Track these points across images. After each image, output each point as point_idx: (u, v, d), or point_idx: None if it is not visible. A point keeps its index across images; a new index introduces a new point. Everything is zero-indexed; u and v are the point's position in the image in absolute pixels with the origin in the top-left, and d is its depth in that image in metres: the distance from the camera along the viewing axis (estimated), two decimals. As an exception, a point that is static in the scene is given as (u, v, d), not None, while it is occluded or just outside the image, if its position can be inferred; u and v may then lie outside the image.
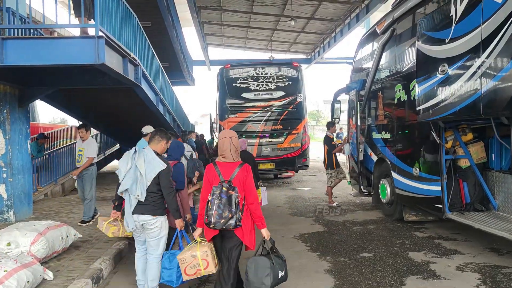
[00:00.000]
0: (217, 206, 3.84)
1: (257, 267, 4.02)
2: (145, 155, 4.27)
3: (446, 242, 6.48)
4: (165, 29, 15.28)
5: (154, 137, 4.52)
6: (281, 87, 13.26)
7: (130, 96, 9.67)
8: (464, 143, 6.24)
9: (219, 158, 4.17)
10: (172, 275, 4.27)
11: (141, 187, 4.19)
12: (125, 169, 4.26)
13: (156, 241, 4.35)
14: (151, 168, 4.22)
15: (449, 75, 5.23)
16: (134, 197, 4.21)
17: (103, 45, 6.04)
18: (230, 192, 3.89)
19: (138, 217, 4.24)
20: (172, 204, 4.33)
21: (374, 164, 8.74)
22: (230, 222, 3.84)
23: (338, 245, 6.56)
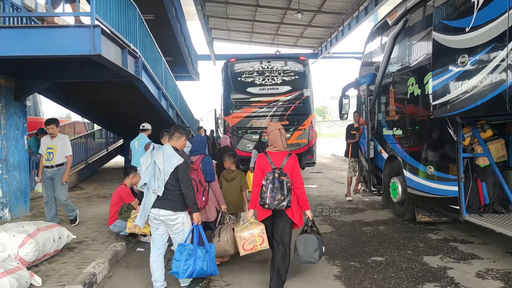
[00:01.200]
0: (271, 190, 4.41)
1: (306, 243, 4.67)
2: (164, 151, 4.45)
3: (463, 246, 6.09)
4: (168, 22, 14.92)
5: (174, 134, 4.64)
6: (287, 81, 12.87)
7: (131, 90, 9.34)
8: (483, 140, 5.84)
9: (270, 148, 4.71)
10: (179, 267, 4.41)
11: (159, 182, 4.35)
12: (145, 165, 4.46)
13: (180, 236, 4.53)
14: (169, 163, 4.37)
15: (469, 66, 4.83)
16: (152, 191, 4.36)
17: (99, 35, 5.69)
18: (282, 178, 4.46)
19: (158, 211, 4.40)
20: (189, 197, 4.44)
21: (385, 162, 8.35)
22: (282, 203, 4.42)
23: (348, 247, 6.19)
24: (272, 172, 4.49)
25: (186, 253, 4.42)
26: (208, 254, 4.56)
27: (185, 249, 4.45)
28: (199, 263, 4.44)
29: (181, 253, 4.43)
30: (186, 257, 4.41)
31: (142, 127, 9.01)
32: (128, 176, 6.57)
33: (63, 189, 7.16)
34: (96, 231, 6.86)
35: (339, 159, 21.81)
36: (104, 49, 5.92)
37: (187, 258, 4.40)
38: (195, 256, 4.44)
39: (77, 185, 12.79)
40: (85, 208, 9.00)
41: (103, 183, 13.22)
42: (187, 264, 4.40)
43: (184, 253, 4.42)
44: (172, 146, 4.55)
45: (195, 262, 4.42)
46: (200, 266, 4.44)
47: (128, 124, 13.80)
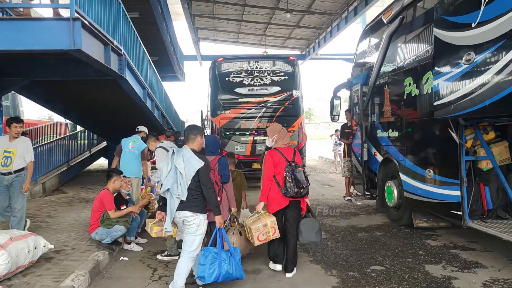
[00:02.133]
0: (294, 180, 4.92)
1: (308, 227, 5.17)
2: (183, 154, 4.43)
3: (465, 253, 5.82)
4: (154, 20, 14.48)
5: (189, 137, 4.60)
6: (276, 82, 12.52)
7: (115, 90, 8.94)
8: (486, 143, 5.58)
9: (278, 144, 5.20)
10: (205, 271, 4.38)
11: (181, 187, 4.35)
12: (166, 170, 4.44)
13: (192, 237, 4.41)
14: (190, 167, 4.37)
15: (476, 64, 4.55)
16: (175, 196, 4.35)
17: (79, 28, 5.30)
18: (299, 169, 5.01)
19: (179, 213, 4.38)
20: (211, 200, 4.42)
21: (379, 165, 8.07)
22: (304, 191, 5.00)
23: (344, 255, 5.87)
24: (289, 165, 5.00)
25: (211, 256, 4.43)
26: (233, 257, 4.53)
27: (209, 252, 4.45)
28: (225, 266, 4.43)
29: (205, 257, 4.43)
30: (210, 260, 4.41)
31: (137, 129, 8.64)
32: (110, 179, 6.16)
33: (20, 199, 6.17)
34: (76, 238, 6.43)
35: (326, 161, 21.59)
36: (85, 44, 5.53)
37: (212, 262, 4.40)
38: (220, 259, 4.43)
39: (58, 188, 12.27)
40: (66, 213, 8.55)
41: (85, 186, 12.72)
42: (212, 268, 4.39)
43: (208, 256, 4.42)
44: (190, 148, 4.52)
45: (220, 265, 4.41)
46: (226, 270, 4.43)
47: (112, 125, 13.37)
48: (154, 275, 5.27)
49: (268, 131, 5.39)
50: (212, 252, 4.46)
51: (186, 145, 4.57)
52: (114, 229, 5.81)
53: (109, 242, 5.91)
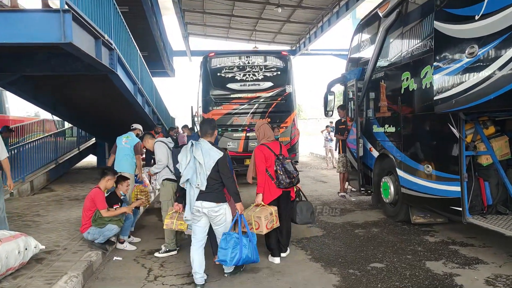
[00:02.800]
0: (284, 172, 5.27)
1: (303, 208, 5.62)
2: (202, 147, 4.63)
3: (464, 249, 5.75)
4: (144, 14, 14.22)
5: (206, 131, 4.80)
6: (269, 77, 12.39)
7: (105, 85, 8.73)
8: (486, 137, 5.51)
9: (264, 140, 5.52)
10: (227, 255, 4.59)
11: (201, 177, 4.53)
12: (185, 162, 4.61)
13: (223, 227, 4.69)
14: (209, 157, 4.57)
15: (480, 57, 4.46)
16: (195, 187, 4.54)
17: (70, 21, 5.10)
18: (287, 161, 5.37)
19: (201, 203, 4.55)
20: (231, 188, 4.68)
21: (375, 161, 7.99)
22: (294, 180, 5.36)
23: (343, 252, 5.78)
24: (278, 159, 5.36)
25: (233, 241, 4.62)
26: (251, 242, 4.77)
27: (231, 237, 4.64)
28: (245, 251, 4.64)
29: (227, 241, 4.62)
30: (232, 245, 4.60)
31: (132, 127, 8.50)
32: (104, 177, 5.98)
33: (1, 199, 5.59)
34: (67, 238, 6.25)
35: (317, 157, 21.54)
36: (76, 38, 5.33)
37: (234, 246, 4.60)
38: (241, 244, 4.63)
39: (46, 186, 12.03)
40: (56, 212, 8.35)
41: (74, 184, 12.50)
42: (234, 252, 4.60)
43: (230, 241, 4.61)
44: (208, 141, 4.73)
45: (241, 250, 4.62)
46: (246, 254, 4.65)
47: (102, 122, 13.13)
48: (150, 275, 5.12)
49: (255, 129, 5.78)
50: (234, 238, 4.64)
51: (203, 138, 4.78)
52: (106, 228, 5.63)
53: (102, 241, 5.74)
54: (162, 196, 6.04)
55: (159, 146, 5.99)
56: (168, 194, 5.97)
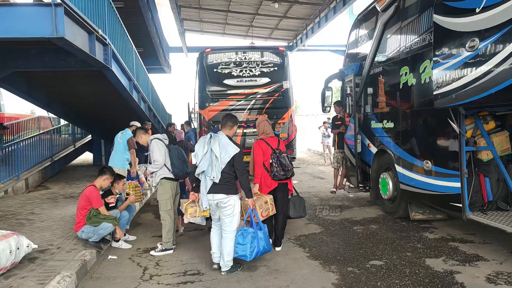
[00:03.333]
0: (279, 165, 5.47)
1: (296, 203, 5.88)
2: (219, 140, 4.81)
3: (464, 246, 5.68)
4: (139, 10, 14.07)
5: (227, 123, 5.01)
6: (266, 73, 12.26)
7: (100, 81, 8.62)
8: (486, 133, 5.43)
9: (263, 135, 5.75)
10: (246, 250, 4.83)
11: (216, 169, 4.73)
12: (201, 153, 4.80)
13: (229, 218, 4.85)
14: (226, 152, 4.75)
15: (481, 51, 4.37)
16: (209, 179, 4.76)
17: (62, 15, 5.00)
18: (283, 155, 5.57)
19: (213, 196, 4.80)
20: (245, 184, 4.91)
21: (373, 157, 7.91)
22: (289, 173, 5.56)
23: (342, 250, 5.70)
24: (274, 153, 5.56)
25: (250, 236, 4.87)
26: (265, 234, 5.01)
27: (247, 233, 4.89)
28: (262, 243, 4.91)
29: (244, 237, 4.86)
30: (250, 240, 4.86)
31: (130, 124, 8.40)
32: (102, 176, 5.87)
33: None
34: (62, 237, 6.15)
35: (315, 153, 21.48)
36: (68, 32, 5.22)
37: (252, 241, 4.86)
38: (258, 238, 4.89)
39: (42, 184, 11.91)
40: (50, 209, 8.24)
41: (70, 182, 12.37)
42: (252, 246, 4.84)
43: (247, 237, 4.86)
44: (226, 134, 4.91)
45: (258, 243, 4.88)
46: (263, 245, 4.92)
47: (98, 119, 13.00)
48: (145, 274, 5.03)
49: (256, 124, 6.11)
50: (251, 233, 4.89)
51: (221, 131, 4.97)
52: (101, 227, 5.53)
53: (96, 240, 5.64)
54: (160, 195, 5.87)
55: (156, 144, 5.80)
56: (167, 193, 5.81)
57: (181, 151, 6.02)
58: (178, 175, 5.84)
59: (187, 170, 5.90)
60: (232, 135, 5.06)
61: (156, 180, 5.88)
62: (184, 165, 5.89)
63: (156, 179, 5.89)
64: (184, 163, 5.90)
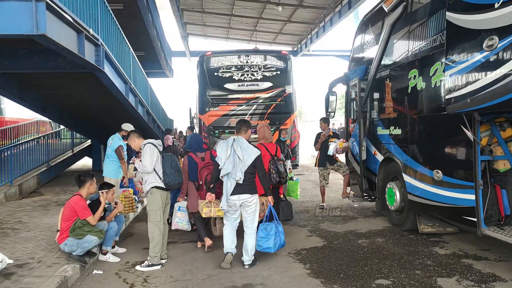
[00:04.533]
0: (275, 172, 5.91)
1: (285, 207, 6.34)
2: (241, 143, 5.17)
3: (478, 263, 5.23)
4: (139, 12, 13.74)
5: (241, 128, 5.41)
6: (268, 77, 11.91)
7: (94, 84, 8.25)
8: (504, 141, 5.00)
9: (263, 140, 6.31)
10: (270, 242, 5.24)
11: (239, 171, 5.06)
12: (225, 156, 5.10)
13: (252, 216, 5.27)
14: (248, 154, 5.12)
15: (500, 50, 3.94)
16: (234, 180, 5.07)
17: (43, 11, 4.63)
18: (280, 162, 6.05)
19: (239, 196, 5.11)
20: (265, 183, 5.37)
21: (379, 165, 7.47)
22: (283, 179, 6.06)
23: (345, 266, 5.26)
24: (272, 159, 6.05)
25: (273, 230, 5.29)
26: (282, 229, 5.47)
27: (271, 227, 5.31)
28: (282, 237, 5.39)
29: (267, 231, 5.28)
30: (274, 233, 5.28)
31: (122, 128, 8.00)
32: (84, 185, 5.48)
33: None
34: (45, 249, 5.76)
35: (319, 160, 20.97)
36: (52, 30, 4.85)
37: (275, 234, 5.29)
38: (279, 231, 5.36)
39: (36, 190, 11.54)
40: (40, 218, 7.86)
41: (66, 188, 11.99)
42: (276, 239, 5.27)
43: (270, 231, 5.28)
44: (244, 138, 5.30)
45: (280, 236, 5.34)
46: (283, 239, 5.41)
47: (95, 123, 12.66)
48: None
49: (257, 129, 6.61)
50: (274, 226, 5.30)
51: (238, 135, 5.35)
52: (85, 240, 5.13)
53: (81, 254, 5.23)
54: (150, 205, 5.48)
55: (149, 148, 5.41)
56: (156, 203, 5.41)
57: (175, 160, 5.61)
58: (170, 185, 5.44)
59: (179, 180, 5.52)
60: (248, 138, 5.38)
61: (146, 188, 5.48)
62: (177, 175, 5.50)
63: (146, 187, 5.49)
64: (177, 172, 5.51)
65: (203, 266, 5.40)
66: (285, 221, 6.46)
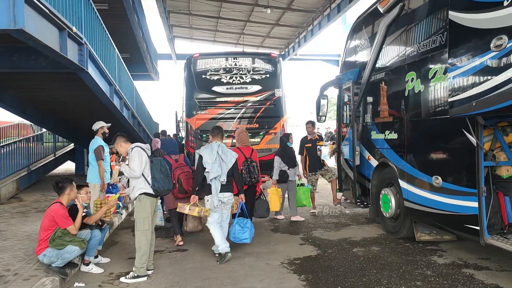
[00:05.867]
0: (246, 173, 6.63)
1: (260, 206, 7.04)
2: (222, 147, 5.82)
3: (479, 273, 5.02)
4: (125, 13, 13.37)
5: (219, 134, 6.02)
6: (257, 80, 11.59)
7: (76, 85, 7.90)
8: (507, 146, 4.81)
9: (240, 144, 7.05)
10: (246, 234, 5.94)
11: (224, 173, 5.71)
12: (211, 160, 5.65)
13: (228, 212, 6.01)
14: (229, 158, 5.80)
15: (510, 50, 3.74)
16: (220, 182, 5.69)
17: (22, 4, 4.31)
18: (252, 164, 6.79)
19: (223, 194, 5.75)
20: (240, 182, 6.10)
21: (373, 170, 7.25)
22: (254, 179, 6.75)
23: (341, 277, 5.00)
24: (246, 161, 6.75)
25: (248, 223, 6.04)
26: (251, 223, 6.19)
27: (246, 221, 6.05)
28: (253, 230, 6.12)
29: (244, 224, 5.99)
30: (249, 226, 6.01)
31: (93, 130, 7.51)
32: (63, 192, 5.13)
33: None
34: (22, 260, 5.38)
35: (307, 165, 20.77)
36: (31, 25, 4.52)
37: (250, 227, 6.02)
38: (251, 224, 6.11)
39: (15, 195, 11.08)
40: (18, 225, 7.46)
41: (47, 193, 11.54)
42: (251, 231, 6.02)
43: (246, 225, 6.00)
44: None
45: (252, 228, 6.07)
46: (253, 230, 6.15)
47: (77, 126, 12.25)
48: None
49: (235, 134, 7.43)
50: (248, 221, 6.07)
51: (215, 140, 5.92)
52: (66, 250, 4.79)
53: (61, 265, 4.88)
54: (138, 212, 5.15)
55: (138, 152, 5.08)
56: (145, 211, 5.11)
57: (164, 165, 5.29)
58: (159, 191, 5.13)
59: (169, 187, 5.22)
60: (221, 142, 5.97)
61: (134, 195, 5.15)
62: (167, 180, 5.20)
63: (133, 193, 5.16)
64: (167, 178, 5.22)
65: (192, 277, 5.10)
66: (261, 218, 7.24)
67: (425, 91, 5.58)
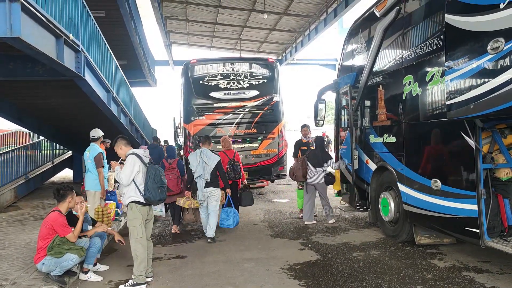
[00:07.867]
0: (231, 170, 7.92)
1: (245, 196, 8.16)
2: (206, 153, 7.11)
3: (480, 276, 5.00)
4: (121, 20, 13.37)
5: (206, 142, 7.36)
6: (255, 85, 11.61)
7: (74, 93, 7.88)
8: (506, 148, 4.81)
9: (225, 148, 8.36)
10: (230, 221, 7.20)
11: (207, 173, 7.00)
12: (196, 163, 7.02)
13: (215, 203, 7.14)
14: (212, 160, 7.06)
15: (507, 52, 3.75)
16: (203, 179, 7.00)
17: (18, 12, 4.29)
18: (236, 163, 8.05)
19: (207, 190, 7.05)
20: (225, 179, 7.32)
21: (372, 174, 7.25)
22: (237, 176, 8.03)
23: (342, 282, 4.98)
24: (230, 161, 7.98)
25: (232, 212, 7.25)
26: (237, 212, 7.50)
27: (230, 210, 7.27)
28: (237, 218, 7.36)
29: (228, 213, 7.23)
30: (232, 215, 7.23)
31: (92, 136, 7.41)
32: (64, 200, 5.10)
33: None
34: (21, 269, 5.35)
35: (306, 169, 20.73)
36: (27, 32, 4.52)
37: (233, 216, 7.23)
38: (235, 213, 7.32)
39: (13, 204, 11.03)
40: (16, 234, 7.41)
41: (45, 201, 11.48)
42: (234, 219, 7.24)
43: (230, 213, 7.23)
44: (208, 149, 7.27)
45: (236, 217, 7.31)
46: (238, 219, 7.41)
47: (75, 133, 12.23)
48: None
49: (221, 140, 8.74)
50: (232, 210, 7.28)
51: (204, 147, 7.25)
52: (64, 258, 4.76)
53: (59, 274, 4.84)
54: (130, 221, 5.10)
55: (132, 159, 5.03)
56: (137, 219, 5.04)
57: (159, 173, 5.13)
58: (149, 200, 5.02)
59: (161, 197, 5.11)
60: (210, 148, 7.37)
61: (125, 202, 5.12)
62: (159, 190, 5.07)
63: (125, 201, 5.12)
64: (160, 187, 5.07)
65: (192, 284, 5.07)
66: (247, 206, 8.31)
67: (423, 94, 5.58)
